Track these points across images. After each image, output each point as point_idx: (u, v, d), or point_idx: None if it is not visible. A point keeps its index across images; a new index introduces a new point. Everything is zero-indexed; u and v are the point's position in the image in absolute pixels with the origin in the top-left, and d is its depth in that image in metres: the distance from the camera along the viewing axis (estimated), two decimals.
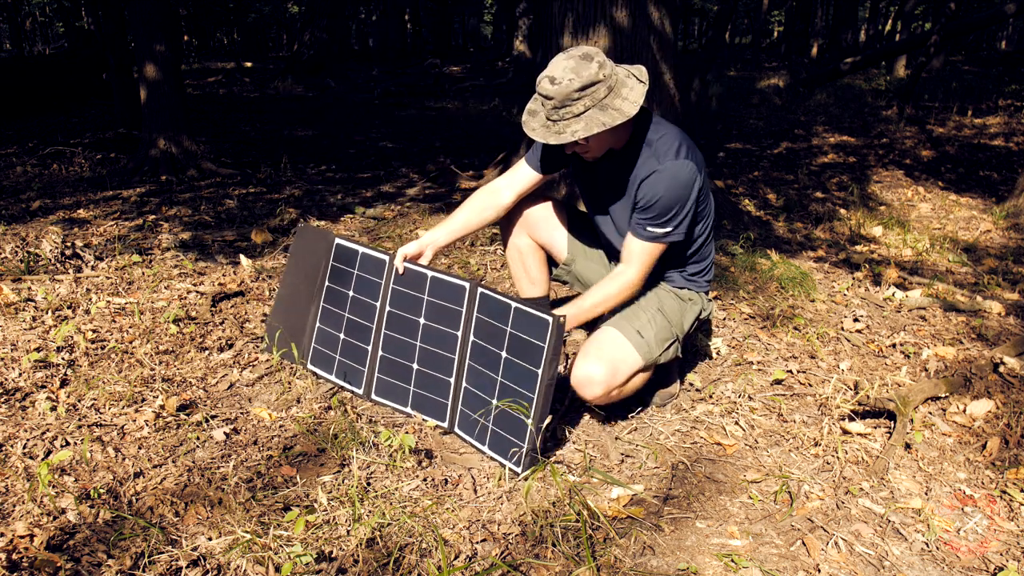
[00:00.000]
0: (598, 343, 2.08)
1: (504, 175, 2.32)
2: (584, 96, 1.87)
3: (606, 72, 1.89)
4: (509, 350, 2.00)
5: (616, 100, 1.90)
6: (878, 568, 1.69)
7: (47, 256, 3.53)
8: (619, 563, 1.67)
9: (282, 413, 2.28)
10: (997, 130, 8.21)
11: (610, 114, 1.89)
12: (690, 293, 2.28)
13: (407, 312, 2.24)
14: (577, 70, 1.86)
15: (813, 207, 5.26)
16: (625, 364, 2.05)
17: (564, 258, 2.44)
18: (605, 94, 1.89)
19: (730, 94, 11.29)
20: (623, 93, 1.92)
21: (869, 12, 21.48)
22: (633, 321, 2.13)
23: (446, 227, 2.29)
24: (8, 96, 8.87)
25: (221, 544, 1.66)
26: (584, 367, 2.03)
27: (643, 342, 2.09)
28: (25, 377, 2.42)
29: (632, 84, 1.94)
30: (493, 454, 2.03)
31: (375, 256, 2.31)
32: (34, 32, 30.92)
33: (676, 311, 2.22)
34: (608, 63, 1.92)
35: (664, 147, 2.02)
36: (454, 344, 2.14)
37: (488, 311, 2.06)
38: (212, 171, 5.94)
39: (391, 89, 12.57)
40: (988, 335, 3.00)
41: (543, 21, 4.28)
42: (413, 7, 25.24)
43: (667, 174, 1.98)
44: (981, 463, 2.12)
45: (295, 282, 2.53)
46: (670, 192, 1.98)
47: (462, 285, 2.12)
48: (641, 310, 2.17)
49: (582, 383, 2.03)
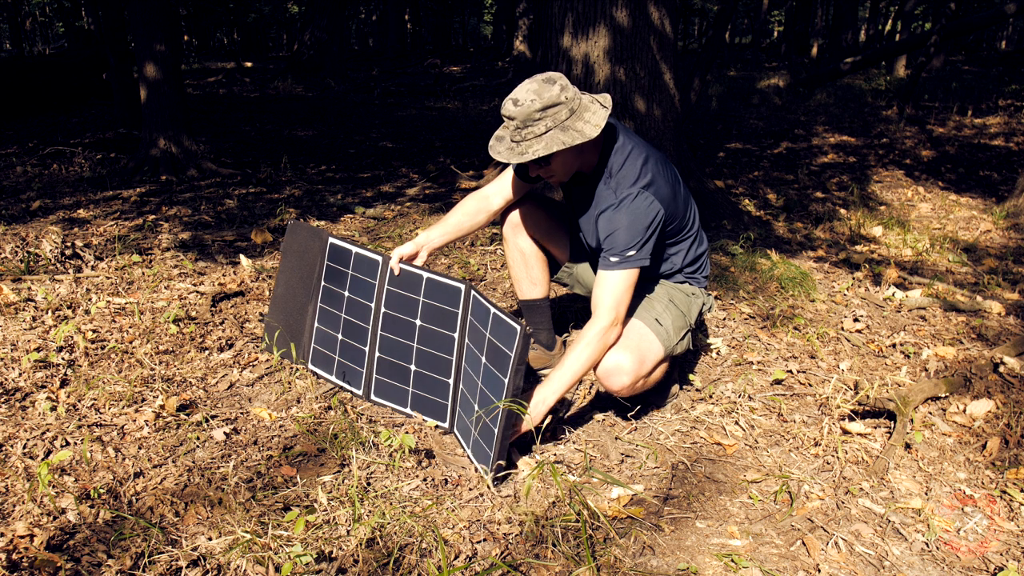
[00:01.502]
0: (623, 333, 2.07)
1: (494, 182, 2.36)
2: (545, 117, 1.90)
3: (568, 95, 1.92)
4: (487, 356, 1.97)
5: (578, 123, 1.92)
6: (878, 568, 1.69)
7: (47, 256, 3.53)
8: (619, 563, 1.67)
9: (282, 413, 2.28)
10: (997, 130, 8.21)
11: (571, 135, 1.90)
12: (692, 288, 2.32)
13: (403, 314, 2.23)
14: (539, 92, 1.90)
15: (813, 207, 5.26)
16: (651, 353, 2.06)
17: (567, 259, 2.46)
18: (567, 116, 1.91)
19: (730, 94, 11.29)
20: (585, 116, 1.93)
21: (869, 12, 21.48)
22: (650, 311, 2.15)
23: (440, 228, 2.32)
24: (8, 96, 8.87)
25: (221, 544, 1.66)
26: (611, 357, 2.01)
27: (663, 330, 2.11)
28: (25, 377, 2.42)
29: (595, 109, 1.96)
30: (473, 459, 2.01)
31: (369, 257, 2.30)
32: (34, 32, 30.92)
33: (684, 303, 2.25)
34: (571, 88, 1.95)
35: (624, 176, 2.02)
36: (451, 346, 2.14)
37: (476, 315, 2.05)
38: (212, 171, 5.94)
39: (391, 89, 12.58)
40: (988, 335, 3.00)
41: (543, 21, 4.28)
42: (413, 7, 25.23)
43: (623, 209, 1.99)
44: (981, 463, 2.12)
45: (290, 281, 2.53)
46: (629, 227, 1.97)
47: (457, 287, 2.11)
48: (655, 301, 2.20)
49: (610, 372, 2.01)
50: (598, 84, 4.05)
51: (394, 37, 22.03)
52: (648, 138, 4.25)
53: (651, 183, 2.02)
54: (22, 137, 7.60)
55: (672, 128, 4.37)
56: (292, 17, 27.65)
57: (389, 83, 13.53)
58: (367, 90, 12.50)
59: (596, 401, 2.43)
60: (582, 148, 2.01)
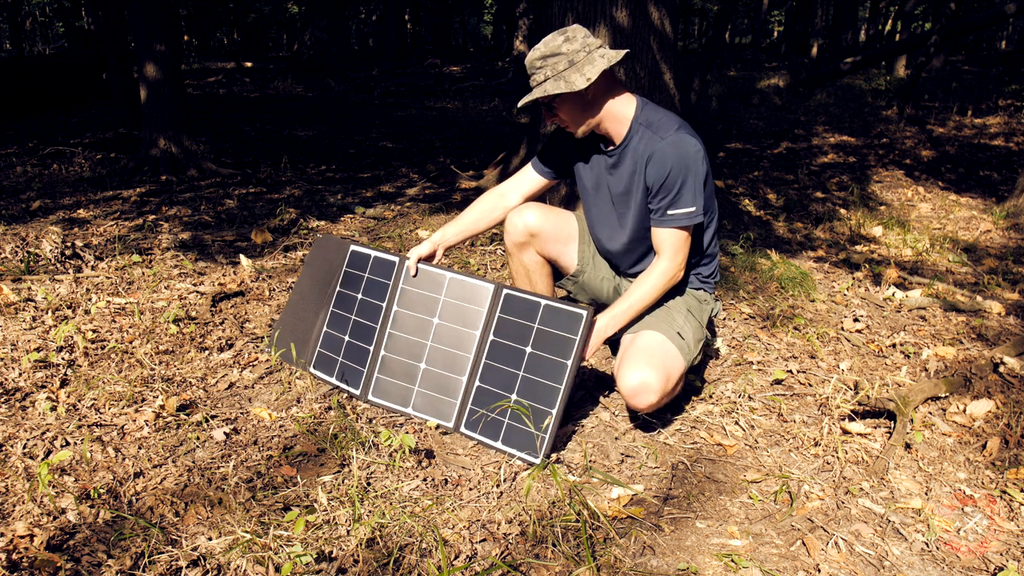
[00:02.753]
0: (646, 349, 2.05)
1: (512, 179, 2.37)
2: (545, 66, 1.99)
3: (572, 47, 1.96)
4: (535, 345, 2.06)
5: (574, 74, 1.96)
6: (878, 568, 1.69)
7: (47, 256, 3.53)
8: (619, 563, 1.67)
9: (282, 413, 2.28)
10: (997, 130, 8.21)
11: (558, 84, 1.97)
12: (704, 294, 2.32)
13: (420, 312, 2.26)
14: (547, 43, 1.98)
15: (813, 207, 5.26)
16: (675, 369, 2.05)
17: (573, 270, 2.44)
18: (565, 67, 1.96)
19: (730, 94, 11.29)
20: (584, 69, 1.96)
21: (869, 12, 21.48)
22: (672, 324, 2.14)
23: (456, 226, 2.33)
24: (8, 96, 8.87)
25: (221, 544, 1.66)
26: (638, 375, 1.99)
27: (684, 344, 2.11)
28: (25, 377, 2.42)
29: (597, 63, 1.97)
30: (507, 448, 2.05)
31: (386, 259, 2.35)
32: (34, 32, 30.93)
33: (700, 311, 2.26)
34: (581, 41, 1.98)
35: (663, 125, 2.04)
36: (471, 343, 2.17)
37: (513, 311, 2.12)
38: (212, 171, 5.94)
39: (391, 89, 12.58)
40: (988, 335, 3.00)
41: (543, 21, 4.28)
42: (413, 7, 25.24)
43: (671, 147, 1.99)
44: (981, 463, 2.12)
45: (305, 290, 2.55)
46: (678, 164, 1.99)
47: (486, 287, 2.17)
48: (675, 312, 2.19)
49: (637, 391, 1.99)
50: None
51: (394, 37, 22.03)
52: None
53: (692, 134, 2.04)
54: (22, 137, 7.60)
55: None
56: (292, 17, 27.65)
57: (389, 83, 13.53)
58: (367, 90, 12.50)
59: (596, 401, 2.43)
60: (592, 101, 2.02)
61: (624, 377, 2.01)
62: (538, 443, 2.00)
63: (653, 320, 2.16)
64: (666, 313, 2.18)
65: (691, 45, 28.57)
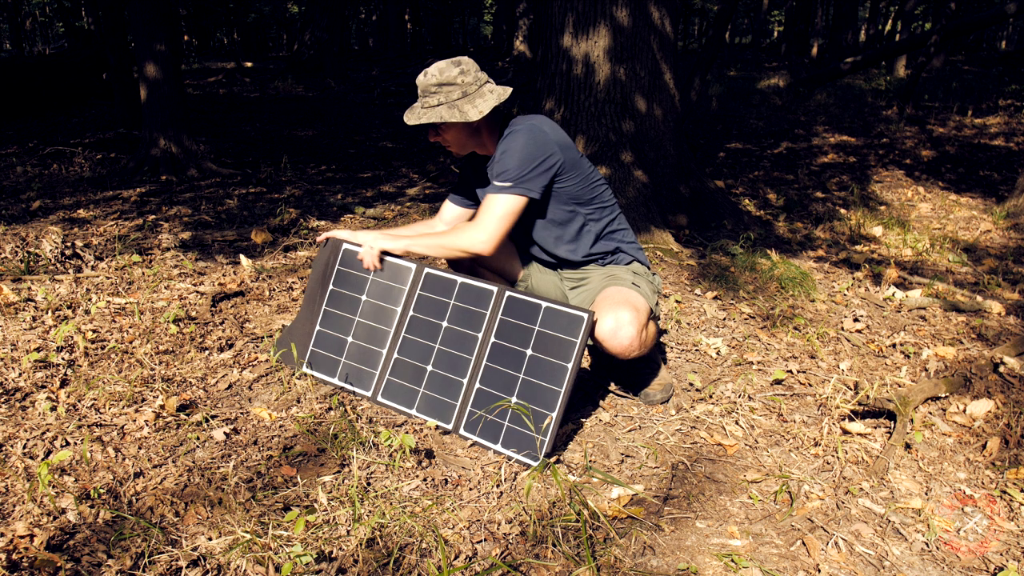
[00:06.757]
0: (608, 298, 2.17)
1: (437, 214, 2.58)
2: (439, 92, 2.15)
3: (466, 80, 2.14)
4: (536, 347, 2.09)
5: (467, 105, 2.13)
6: (878, 568, 1.69)
7: (47, 256, 3.53)
8: (619, 563, 1.67)
9: (282, 413, 2.28)
10: (997, 130, 8.21)
11: (453, 112, 2.13)
12: (639, 266, 2.41)
13: (431, 316, 2.30)
14: (442, 71, 2.14)
15: (813, 207, 5.26)
16: (642, 305, 2.16)
17: (519, 276, 2.58)
18: (458, 96, 2.14)
19: (730, 94, 11.29)
20: (476, 102, 2.14)
21: (869, 12, 21.48)
22: (622, 281, 2.27)
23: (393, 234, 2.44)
24: (8, 96, 8.87)
25: (221, 544, 1.66)
26: (611, 317, 2.08)
27: (641, 291, 2.24)
28: (25, 377, 2.42)
29: (489, 98, 2.15)
30: (505, 450, 2.05)
31: (400, 264, 2.38)
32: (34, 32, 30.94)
33: (644, 273, 2.38)
34: (474, 75, 2.16)
35: (517, 124, 2.19)
36: (473, 346, 2.19)
37: (514, 313, 2.15)
38: (212, 171, 5.94)
39: (391, 89, 12.58)
40: (988, 335, 3.00)
41: (543, 21, 4.28)
42: (413, 7, 25.24)
43: (514, 135, 2.15)
44: (981, 463, 2.12)
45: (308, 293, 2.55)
46: (517, 146, 2.12)
47: (490, 289, 2.21)
48: (620, 275, 2.32)
49: (615, 330, 2.07)
50: (598, 83, 4.05)
51: (394, 37, 22.04)
52: (648, 138, 4.25)
53: (543, 123, 2.17)
54: (22, 137, 7.60)
55: (672, 128, 4.37)
56: (292, 17, 27.66)
57: (389, 83, 13.53)
58: (367, 90, 12.51)
59: (596, 401, 2.43)
60: (477, 129, 2.21)
61: (600, 326, 2.10)
62: (537, 445, 2.00)
63: (605, 283, 2.30)
64: (612, 279, 2.31)
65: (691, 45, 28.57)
